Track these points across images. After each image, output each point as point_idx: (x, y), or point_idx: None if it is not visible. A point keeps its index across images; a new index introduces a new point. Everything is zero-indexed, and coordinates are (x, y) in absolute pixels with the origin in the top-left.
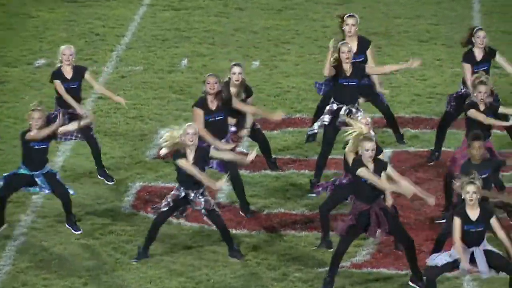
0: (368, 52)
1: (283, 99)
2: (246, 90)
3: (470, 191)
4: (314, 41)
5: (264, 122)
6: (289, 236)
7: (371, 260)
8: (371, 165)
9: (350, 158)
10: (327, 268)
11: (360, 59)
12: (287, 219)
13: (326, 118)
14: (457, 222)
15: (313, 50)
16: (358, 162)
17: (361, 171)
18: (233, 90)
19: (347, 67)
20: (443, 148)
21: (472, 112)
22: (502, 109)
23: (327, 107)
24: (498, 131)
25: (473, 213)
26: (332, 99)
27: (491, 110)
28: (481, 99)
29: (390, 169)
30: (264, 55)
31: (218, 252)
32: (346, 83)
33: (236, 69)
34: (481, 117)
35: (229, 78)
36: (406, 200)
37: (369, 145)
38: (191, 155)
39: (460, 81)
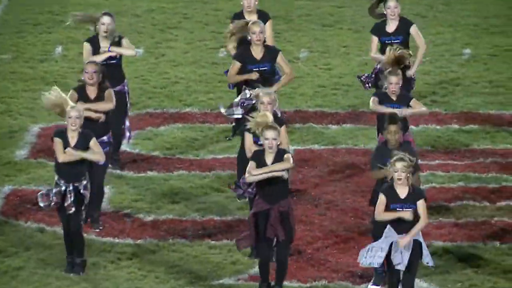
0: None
1: (170, 91)
2: None
3: (399, 169)
4: (205, 25)
5: (151, 116)
6: (178, 245)
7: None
8: (271, 156)
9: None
10: (222, 281)
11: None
12: (176, 226)
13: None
14: (381, 198)
15: (204, 36)
16: (256, 154)
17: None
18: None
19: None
20: (345, 146)
21: (370, 101)
22: (412, 104)
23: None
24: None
25: (402, 192)
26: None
27: (404, 102)
28: (393, 91)
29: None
30: (148, 41)
31: (100, 265)
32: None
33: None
34: (378, 108)
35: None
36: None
37: (269, 134)
38: (73, 139)
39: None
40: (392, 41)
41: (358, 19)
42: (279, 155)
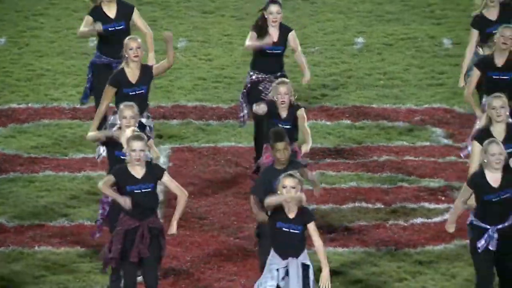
0: None
1: (36, 85)
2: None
3: (288, 186)
4: (73, 12)
5: (14, 112)
6: (45, 253)
7: None
8: (140, 170)
9: None
10: None
11: None
12: (43, 233)
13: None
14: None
15: (72, 24)
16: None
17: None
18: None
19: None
20: (227, 143)
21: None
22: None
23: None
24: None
25: (291, 212)
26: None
27: (292, 116)
28: (282, 101)
29: (166, 178)
30: (11, 30)
31: None
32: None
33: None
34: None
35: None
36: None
37: (136, 145)
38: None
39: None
40: (273, 51)
41: (241, 5)
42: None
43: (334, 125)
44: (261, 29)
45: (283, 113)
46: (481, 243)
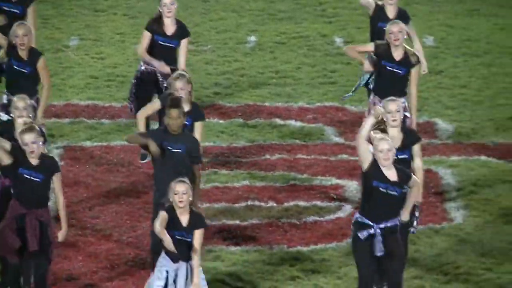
0: None
1: None
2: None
3: (180, 192)
4: None
5: None
6: None
7: None
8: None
9: None
10: None
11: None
12: None
13: None
14: (163, 215)
15: None
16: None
17: None
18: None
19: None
20: (120, 142)
21: None
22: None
23: None
24: None
25: (183, 218)
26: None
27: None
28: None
29: (56, 178)
30: None
31: None
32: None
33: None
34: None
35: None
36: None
37: (27, 138)
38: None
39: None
40: (166, 44)
41: (134, 4)
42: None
43: (227, 123)
44: (155, 21)
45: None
46: (363, 234)
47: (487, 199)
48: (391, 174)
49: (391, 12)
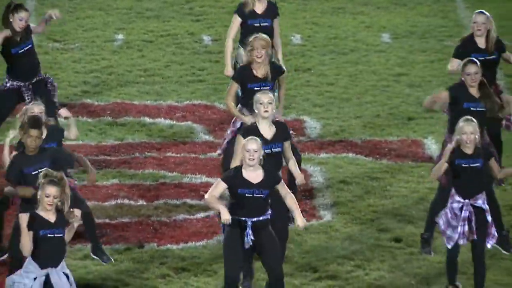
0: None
1: None
2: None
3: (51, 195)
4: None
5: None
6: None
7: None
8: None
9: None
10: None
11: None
12: None
13: None
14: (23, 217)
15: None
16: None
17: None
18: None
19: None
20: None
21: None
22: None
23: None
24: None
25: (51, 217)
26: None
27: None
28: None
29: None
30: None
31: None
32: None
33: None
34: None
35: None
36: None
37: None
38: None
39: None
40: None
41: None
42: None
43: (96, 122)
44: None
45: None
46: (246, 239)
47: (356, 196)
48: (256, 176)
49: (259, 8)
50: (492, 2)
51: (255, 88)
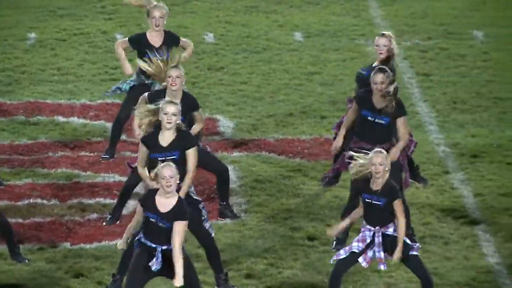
0: None
1: None
2: None
3: None
4: None
5: None
6: None
7: None
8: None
9: None
10: None
11: None
12: None
13: None
14: None
15: None
16: None
17: None
18: None
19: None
20: None
21: None
22: None
23: None
24: None
25: None
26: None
27: None
28: None
29: None
30: None
31: None
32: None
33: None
34: None
35: None
36: None
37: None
38: None
39: None
40: None
41: None
42: None
43: (8, 121)
44: None
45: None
46: (154, 264)
47: (269, 195)
48: (167, 203)
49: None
50: (402, 2)
51: None
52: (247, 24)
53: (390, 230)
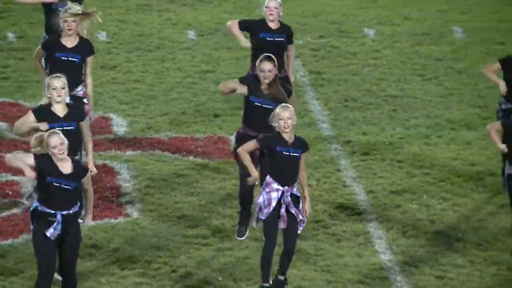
0: None
1: None
2: None
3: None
4: None
5: None
6: None
7: None
8: None
9: None
10: None
11: None
12: None
13: None
14: None
15: None
16: None
17: None
18: None
19: None
20: None
21: None
22: None
23: None
24: None
25: None
26: None
27: None
28: None
29: None
30: None
31: None
32: None
33: None
34: None
35: None
36: None
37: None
38: None
39: None
40: None
41: None
42: None
43: None
44: None
45: None
46: (51, 231)
47: (163, 193)
48: (66, 166)
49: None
50: (294, 0)
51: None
52: (139, 23)
53: (295, 190)
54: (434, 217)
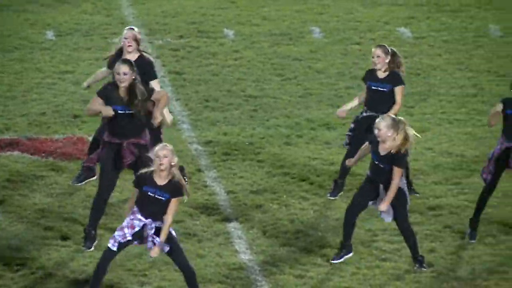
0: None
1: None
2: None
3: None
4: None
5: None
6: None
7: None
8: None
9: None
10: None
11: None
12: None
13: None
14: None
15: None
16: None
17: None
18: None
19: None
20: None
21: None
22: None
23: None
24: None
25: None
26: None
27: None
28: None
29: None
30: None
31: None
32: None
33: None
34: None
35: None
36: None
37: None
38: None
39: None
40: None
41: None
42: None
43: None
44: None
45: None
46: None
47: (21, 195)
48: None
49: None
50: (154, 1)
51: None
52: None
53: (158, 223)
54: (294, 216)
